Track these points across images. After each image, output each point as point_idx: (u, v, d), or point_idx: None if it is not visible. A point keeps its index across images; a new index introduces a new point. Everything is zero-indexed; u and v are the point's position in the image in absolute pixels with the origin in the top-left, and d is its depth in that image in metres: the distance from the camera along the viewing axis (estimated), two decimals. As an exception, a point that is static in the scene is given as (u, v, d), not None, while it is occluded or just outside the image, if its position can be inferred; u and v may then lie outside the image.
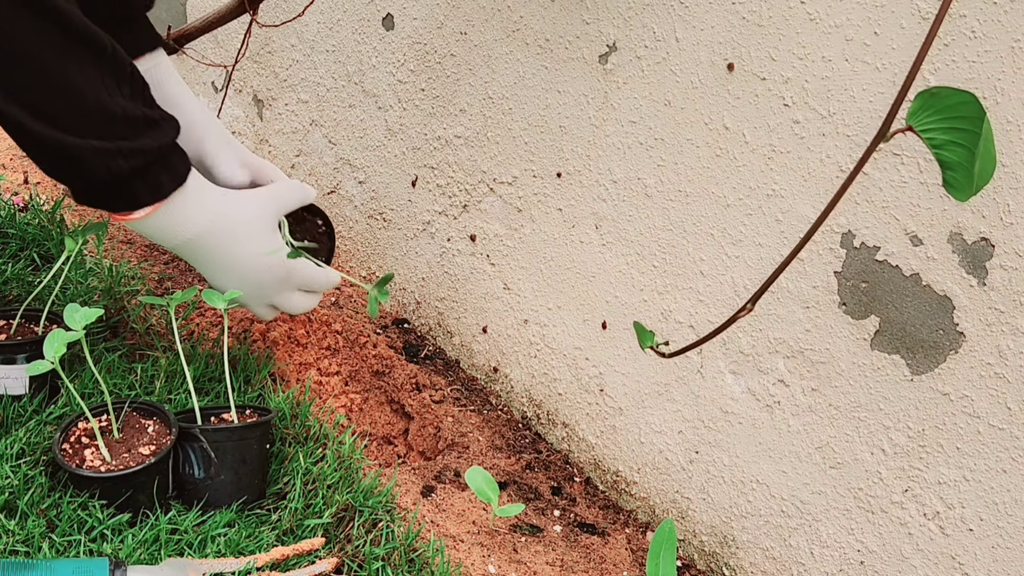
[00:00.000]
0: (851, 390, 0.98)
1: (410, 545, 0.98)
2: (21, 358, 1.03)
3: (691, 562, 1.17)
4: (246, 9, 1.29)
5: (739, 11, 1.01)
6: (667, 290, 1.14)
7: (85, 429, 0.97)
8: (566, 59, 1.20)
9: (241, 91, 1.87)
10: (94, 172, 0.94)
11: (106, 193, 0.98)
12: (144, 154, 0.96)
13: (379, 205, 1.57)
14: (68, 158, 0.93)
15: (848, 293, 0.97)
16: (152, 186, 0.98)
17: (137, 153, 0.95)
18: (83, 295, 1.23)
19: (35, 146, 0.94)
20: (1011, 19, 0.82)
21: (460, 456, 1.26)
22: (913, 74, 0.64)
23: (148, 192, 0.98)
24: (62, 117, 0.91)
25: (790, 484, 1.04)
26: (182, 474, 0.97)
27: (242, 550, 0.92)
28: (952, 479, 0.91)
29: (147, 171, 0.97)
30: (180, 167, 1.01)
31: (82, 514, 0.90)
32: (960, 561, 0.91)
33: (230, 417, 1.03)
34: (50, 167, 0.96)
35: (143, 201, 0.99)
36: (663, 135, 1.11)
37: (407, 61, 1.45)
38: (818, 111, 0.96)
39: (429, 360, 1.48)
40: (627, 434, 1.22)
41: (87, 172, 0.94)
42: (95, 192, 0.98)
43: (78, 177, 0.96)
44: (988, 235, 0.86)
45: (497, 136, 1.33)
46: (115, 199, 0.98)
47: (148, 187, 0.98)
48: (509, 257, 1.35)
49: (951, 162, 0.63)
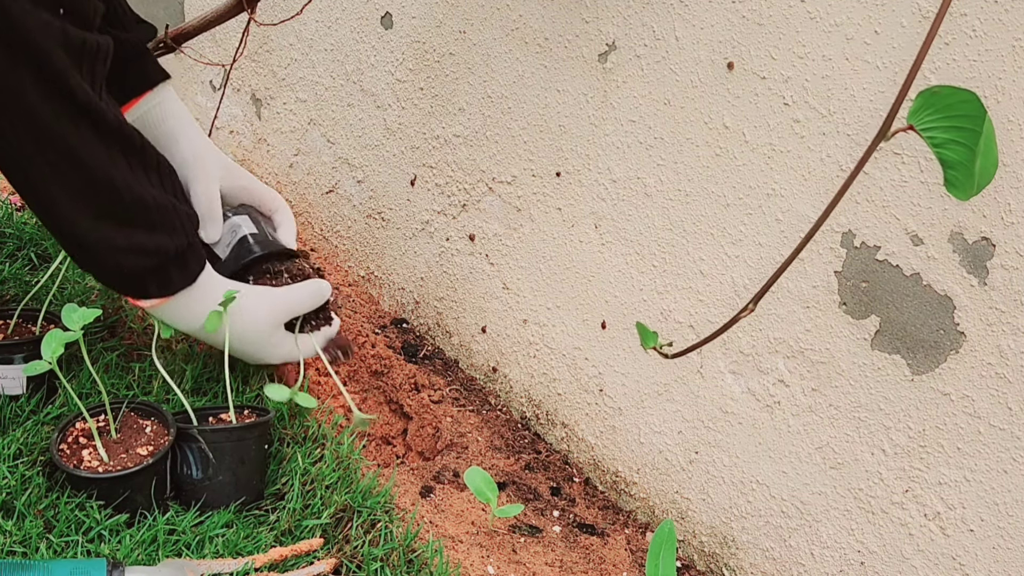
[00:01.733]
0: (851, 390, 0.97)
1: (409, 546, 0.98)
2: (18, 358, 1.03)
3: (691, 563, 1.17)
4: (244, 8, 1.29)
5: (739, 10, 1.00)
6: (667, 290, 1.13)
7: (83, 429, 0.96)
8: (565, 58, 1.20)
9: (239, 90, 1.87)
10: (107, 264, 0.98)
11: (118, 280, 1.01)
12: (159, 255, 0.99)
13: (378, 204, 1.57)
14: (87, 249, 0.97)
15: (848, 293, 0.96)
16: (162, 282, 1.02)
17: (153, 253, 0.98)
18: (81, 295, 1.23)
19: (56, 232, 0.97)
20: (1012, 18, 0.82)
21: (459, 456, 1.26)
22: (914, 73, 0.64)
23: (157, 287, 1.02)
24: (99, 207, 0.95)
25: (790, 484, 1.04)
26: (180, 475, 0.96)
27: (240, 551, 0.91)
28: (953, 479, 0.91)
29: (160, 269, 1.00)
30: (193, 266, 1.04)
31: (80, 515, 0.89)
32: (961, 562, 0.91)
33: (228, 417, 1.02)
34: (65, 249, 1.00)
35: (151, 293, 1.02)
36: (663, 134, 1.10)
37: (406, 60, 1.45)
38: (818, 110, 0.95)
39: (428, 360, 1.47)
40: (627, 434, 1.22)
41: (103, 263, 0.99)
42: (107, 275, 1.01)
43: (94, 264, 1.00)
44: (989, 234, 0.86)
45: (496, 135, 1.32)
46: (125, 286, 1.02)
47: (158, 282, 1.02)
48: (508, 257, 1.35)
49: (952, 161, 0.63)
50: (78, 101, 0.89)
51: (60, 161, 0.91)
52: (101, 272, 1.01)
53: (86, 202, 0.94)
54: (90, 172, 0.92)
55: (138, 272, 0.99)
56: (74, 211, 0.94)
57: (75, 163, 0.91)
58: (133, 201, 0.96)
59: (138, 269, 0.99)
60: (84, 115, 0.90)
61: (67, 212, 0.94)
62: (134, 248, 0.97)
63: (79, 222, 0.94)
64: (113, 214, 0.95)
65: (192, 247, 1.03)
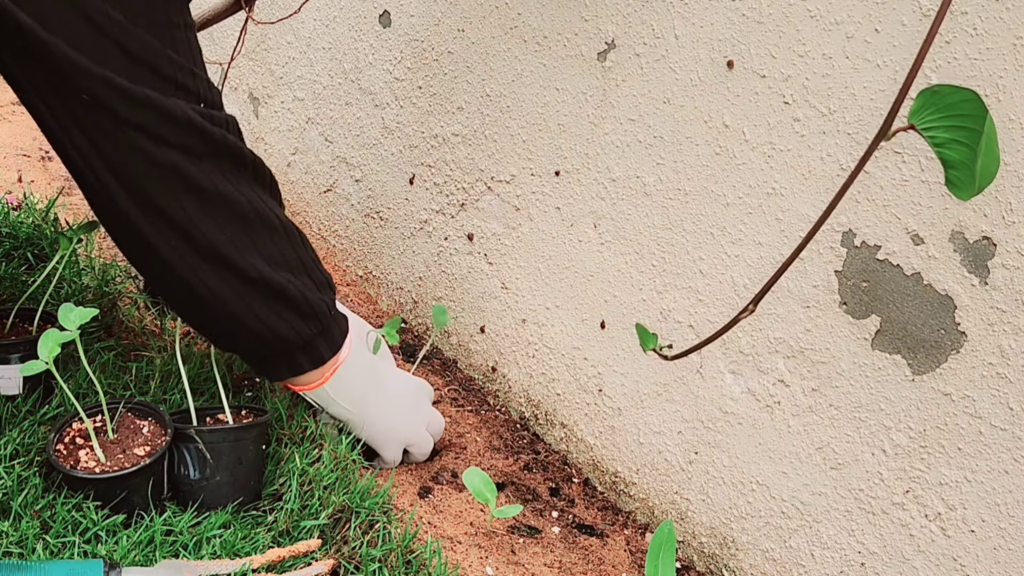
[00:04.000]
0: (852, 390, 0.97)
1: (407, 546, 0.98)
2: (15, 358, 1.02)
3: (690, 564, 1.16)
4: (242, 6, 1.29)
5: (739, 8, 1.00)
6: (666, 289, 1.13)
7: (79, 430, 0.96)
8: (564, 56, 1.20)
9: (237, 89, 1.86)
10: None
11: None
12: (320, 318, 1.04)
13: (376, 204, 1.57)
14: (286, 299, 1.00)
15: (849, 292, 0.96)
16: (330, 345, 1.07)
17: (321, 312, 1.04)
18: (77, 294, 1.22)
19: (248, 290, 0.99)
20: (1013, 16, 0.81)
21: (457, 457, 1.25)
22: (915, 72, 0.63)
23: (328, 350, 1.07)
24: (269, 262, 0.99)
25: (790, 485, 1.04)
26: (177, 475, 0.96)
27: (238, 552, 0.91)
28: (954, 480, 0.91)
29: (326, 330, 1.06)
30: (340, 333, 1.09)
31: (76, 515, 0.89)
32: (962, 563, 0.91)
33: (226, 418, 1.02)
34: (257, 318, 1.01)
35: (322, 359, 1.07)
36: (662, 133, 1.10)
37: (404, 58, 1.44)
38: (818, 109, 0.95)
39: (426, 360, 1.47)
40: (626, 434, 1.21)
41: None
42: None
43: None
44: (990, 234, 0.85)
45: (495, 134, 1.32)
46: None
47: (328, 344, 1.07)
48: (507, 256, 1.34)
49: (953, 161, 0.62)
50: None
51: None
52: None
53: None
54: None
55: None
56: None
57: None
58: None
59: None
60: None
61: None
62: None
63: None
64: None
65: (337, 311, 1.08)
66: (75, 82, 0.83)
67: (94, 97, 0.84)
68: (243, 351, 1.03)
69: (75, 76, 0.83)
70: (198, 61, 0.92)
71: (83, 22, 0.82)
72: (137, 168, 0.88)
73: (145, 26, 0.86)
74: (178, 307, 0.99)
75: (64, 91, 0.84)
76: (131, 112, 0.86)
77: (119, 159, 0.87)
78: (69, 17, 0.82)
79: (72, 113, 0.85)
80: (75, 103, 0.84)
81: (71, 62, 0.82)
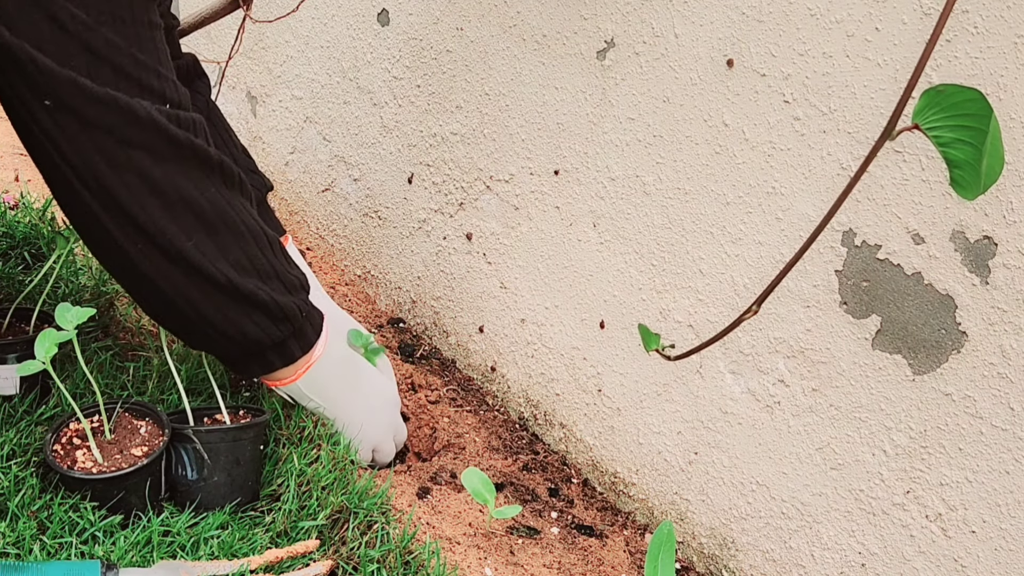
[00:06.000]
0: (852, 390, 0.97)
1: (405, 547, 0.97)
2: (12, 358, 1.02)
3: (690, 564, 1.16)
4: (240, 5, 1.28)
5: (739, 6, 1.00)
6: (666, 289, 1.13)
7: (77, 430, 0.96)
8: (563, 55, 1.19)
9: (235, 87, 1.86)
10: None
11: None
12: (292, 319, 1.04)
13: (374, 203, 1.56)
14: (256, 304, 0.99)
15: (849, 292, 0.96)
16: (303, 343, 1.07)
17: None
18: (74, 294, 1.22)
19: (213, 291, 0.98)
20: (1014, 15, 0.81)
21: (456, 457, 1.25)
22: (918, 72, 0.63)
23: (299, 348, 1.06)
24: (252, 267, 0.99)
25: (790, 485, 1.04)
26: (175, 475, 0.96)
27: (235, 552, 0.91)
28: (954, 480, 0.90)
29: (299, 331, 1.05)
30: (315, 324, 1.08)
31: (73, 516, 0.88)
32: (962, 563, 0.90)
33: (223, 418, 1.02)
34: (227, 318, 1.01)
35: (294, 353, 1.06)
36: (662, 132, 1.10)
37: (402, 57, 1.44)
38: (819, 108, 0.95)
39: (425, 360, 1.47)
40: (625, 435, 1.21)
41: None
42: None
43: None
44: (991, 233, 0.85)
45: (494, 133, 1.31)
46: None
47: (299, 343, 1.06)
48: (506, 255, 1.34)
49: (958, 160, 0.62)
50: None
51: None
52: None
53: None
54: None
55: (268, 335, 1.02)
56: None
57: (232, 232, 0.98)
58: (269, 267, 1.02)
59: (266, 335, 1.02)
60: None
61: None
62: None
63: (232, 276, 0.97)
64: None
65: (313, 308, 1.08)
66: (39, 84, 0.83)
67: (58, 99, 0.84)
68: (215, 350, 1.03)
69: (39, 77, 0.83)
70: (164, 61, 0.91)
71: (48, 22, 0.82)
72: (100, 169, 0.87)
73: (110, 25, 0.85)
74: (148, 308, 0.99)
75: (31, 93, 0.84)
76: (95, 113, 0.85)
77: (83, 161, 0.87)
78: (35, 18, 0.81)
79: (38, 115, 0.85)
80: (39, 105, 0.84)
81: (36, 63, 0.82)
